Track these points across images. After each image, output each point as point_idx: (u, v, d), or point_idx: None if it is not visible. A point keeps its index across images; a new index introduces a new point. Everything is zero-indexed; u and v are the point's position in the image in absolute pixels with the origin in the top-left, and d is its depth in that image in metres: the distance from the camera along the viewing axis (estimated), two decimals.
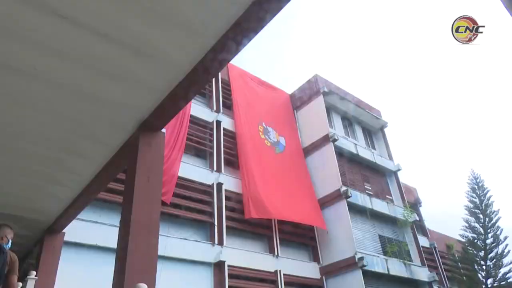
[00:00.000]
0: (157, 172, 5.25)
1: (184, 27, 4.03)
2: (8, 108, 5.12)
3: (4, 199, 7.57)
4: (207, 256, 12.65)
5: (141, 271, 4.36)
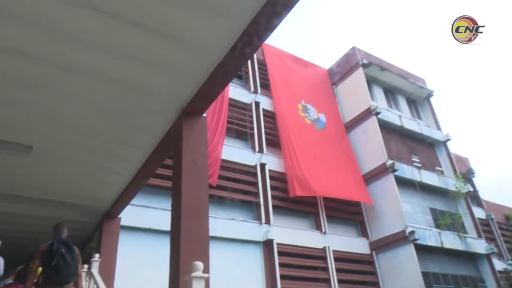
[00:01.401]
0: (202, 156, 5.41)
1: (218, 11, 4.06)
2: (62, 104, 5.44)
3: (66, 189, 8.15)
4: (255, 235, 12.94)
5: (194, 250, 4.57)
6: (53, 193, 8.28)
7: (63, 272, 3.91)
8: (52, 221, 9.44)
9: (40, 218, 9.29)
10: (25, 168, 7.16)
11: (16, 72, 4.78)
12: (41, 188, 8.02)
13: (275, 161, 15.15)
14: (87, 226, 10.16)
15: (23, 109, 5.51)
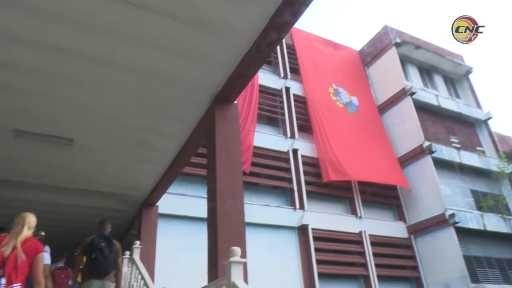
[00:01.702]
0: (235, 143, 5.44)
1: None
2: (99, 97, 5.62)
3: (106, 179, 8.47)
4: (290, 220, 12.98)
5: (231, 236, 4.64)
6: (94, 184, 8.63)
7: (102, 264, 4.20)
8: (93, 210, 9.94)
9: (82, 208, 9.73)
10: (67, 160, 7.48)
11: (54, 68, 4.96)
12: (83, 179, 8.38)
13: (308, 146, 15.04)
14: (127, 215, 10.54)
15: (63, 104, 5.73)
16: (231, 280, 3.48)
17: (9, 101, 5.56)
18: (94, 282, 4.21)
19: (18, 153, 7.10)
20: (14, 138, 6.55)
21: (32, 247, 3.02)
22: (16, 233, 3.02)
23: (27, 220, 3.17)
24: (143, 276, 7.29)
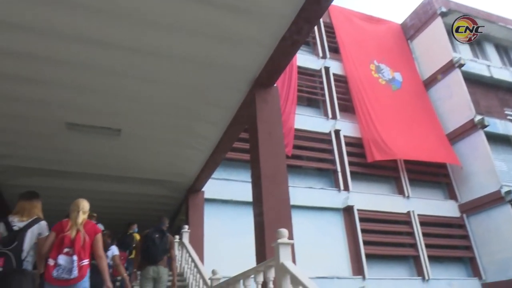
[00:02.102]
0: (276, 126, 5.43)
1: None
2: (144, 87, 5.78)
3: (153, 167, 8.79)
4: (334, 202, 12.84)
5: (277, 218, 4.67)
6: (142, 172, 8.98)
7: (153, 253, 4.75)
8: (142, 197, 10.37)
9: (132, 195, 10.19)
10: (115, 150, 7.82)
11: (101, 62, 5.15)
12: (131, 167, 8.74)
13: (350, 127, 14.69)
14: (174, 200, 10.91)
15: (110, 96, 5.95)
16: (279, 261, 3.51)
17: (61, 96, 5.86)
18: (150, 268, 4.76)
19: (71, 145, 7.51)
20: (67, 131, 6.93)
21: (92, 229, 3.48)
22: (75, 218, 3.42)
23: (80, 206, 3.53)
24: (193, 259, 7.56)
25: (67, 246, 3.23)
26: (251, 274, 4.18)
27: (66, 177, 8.82)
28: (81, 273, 3.17)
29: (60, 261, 3.14)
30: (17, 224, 3.32)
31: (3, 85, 5.46)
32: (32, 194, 3.58)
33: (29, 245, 3.29)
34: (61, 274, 3.10)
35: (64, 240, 3.25)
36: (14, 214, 3.46)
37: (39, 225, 3.41)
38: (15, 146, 7.51)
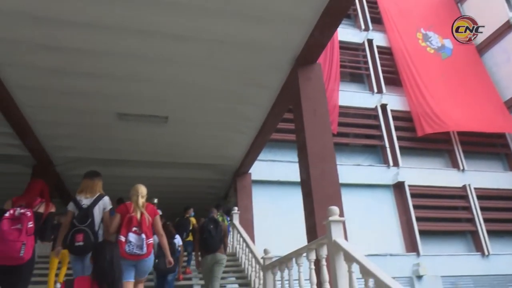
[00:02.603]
0: (321, 103, 5.34)
1: None
2: (188, 74, 5.88)
3: (201, 152, 9.01)
4: (384, 178, 12.51)
5: (327, 196, 4.64)
6: (190, 157, 9.24)
7: (210, 242, 5.04)
8: (192, 181, 10.69)
9: (182, 180, 10.53)
10: (164, 137, 8.09)
11: (148, 51, 5.29)
12: (179, 153, 9.01)
13: (397, 100, 14.12)
14: (223, 183, 11.16)
15: (157, 84, 6.13)
16: (332, 238, 3.50)
17: (112, 88, 6.13)
18: (208, 256, 5.06)
19: (122, 134, 7.86)
20: (118, 121, 7.25)
21: (152, 211, 3.82)
22: (136, 202, 3.74)
23: (139, 190, 3.84)
24: (244, 239, 7.74)
25: (135, 225, 3.57)
26: (303, 252, 4.21)
27: (120, 165, 9.27)
28: (149, 250, 3.56)
29: (130, 239, 3.48)
30: (84, 202, 3.64)
31: (61, 81, 5.81)
32: (94, 173, 3.92)
33: (99, 219, 3.62)
34: (133, 250, 3.44)
35: (132, 220, 3.60)
36: (79, 192, 3.76)
37: (103, 201, 3.73)
38: (73, 138, 7.99)
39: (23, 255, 3.06)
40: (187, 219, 7.55)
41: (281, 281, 4.86)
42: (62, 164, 8.86)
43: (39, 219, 3.48)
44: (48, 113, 6.79)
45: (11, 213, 3.19)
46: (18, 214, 3.18)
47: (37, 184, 3.79)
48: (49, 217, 3.65)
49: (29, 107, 6.47)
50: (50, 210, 3.69)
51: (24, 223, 3.14)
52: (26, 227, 3.14)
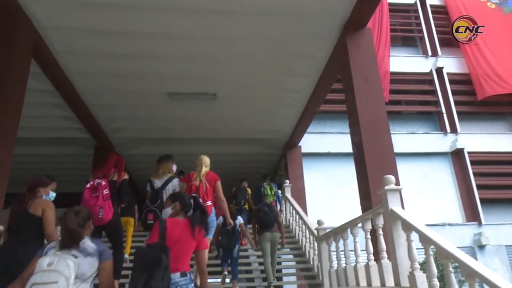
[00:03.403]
0: (372, 70, 5.14)
1: None
2: (234, 50, 5.88)
3: (250, 127, 9.09)
4: (441, 146, 11.92)
5: (381, 165, 4.53)
6: (239, 132, 9.36)
7: (267, 220, 5.73)
8: (244, 156, 10.87)
9: (234, 155, 10.73)
10: (213, 113, 8.23)
11: (194, 30, 5.35)
12: (229, 129, 9.15)
13: (454, 62, 13.21)
14: (273, 158, 11.24)
15: (204, 61, 6.20)
16: (389, 207, 3.43)
17: (162, 67, 6.29)
18: (266, 233, 5.69)
19: (173, 113, 8.11)
20: (168, 100, 7.47)
21: (212, 178, 4.26)
22: (199, 171, 4.27)
23: (203, 161, 4.36)
24: (297, 211, 7.82)
25: (194, 192, 4.07)
26: (358, 222, 4.17)
27: (172, 144, 9.60)
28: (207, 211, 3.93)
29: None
30: (157, 183, 4.16)
31: (115, 64, 6.08)
32: (164, 157, 4.42)
33: None
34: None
35: (192, 188, 4.15)
36: (153, 175, 4.28)
37: (172, 183, 4.20)
38: (128, 119, 8.38)
39: (102, 216, 3.54)
40: (244, 188, 7.98)
41: (336, 252, 4.86)
42: (120, 144, 9.35)
43: (114, 186, 3.95)
44: (104, 97, 7.15)
45: (91, 184, 3.73)
46: (96, 184, 3.71)
47: (111, 157, 4.20)
48: (122, 184, 4.09)
49: (87, 92, 6.85)
50: (123, 178, 4.12)
51: (100, 191, 3.66)
52: (102, 193, 3.65)
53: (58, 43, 5.41)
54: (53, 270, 1.95)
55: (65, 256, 2.02)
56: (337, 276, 4.64)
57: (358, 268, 4.05)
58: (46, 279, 1.92)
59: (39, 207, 2.82)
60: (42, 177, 3.17)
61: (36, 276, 1.94)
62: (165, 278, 2.15)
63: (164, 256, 2.19)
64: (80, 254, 2.08)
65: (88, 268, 2.08)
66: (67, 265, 1.98)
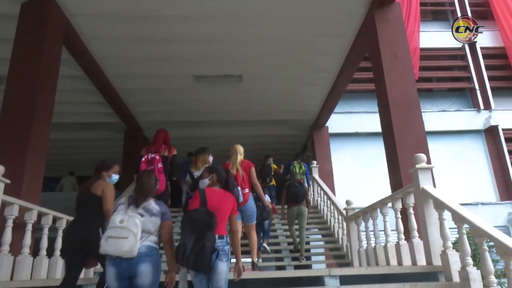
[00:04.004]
0: (402, 47, 4.98)
1: None
2: (260, 29, 5.82)
3: (275, 108, 9.05)
4: (473, 123, 11.50)
5: (411, 145, 4.44)
6: (266, 114, 9.34)
7: (297, 195, 6.06)
8: (271, 138, 10.88)
9: (260, 137, 10.76)
10: (239, 95, 8.24)
11: (218, 11, 5.32)
12: (255, 110, 9.15)
13: (489, 36, 12.57)
14: (299, 138, 11.20)
15: (230, 43, 6.18)
16: (420, 186, 3.38)
17: (188, 51, 6.33)
18: (294, 207, 6.05)
19: (199, 96, 8.17)
20: (195, 83, 7.53)
21: (247, 166, 4.35)
22: (234, 160, 4.36)
23: (237, 149, 4.42)
24: (325, 192, 7.81)
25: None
26: (388, 201, 4.14)
27: (199, 127, 9.73)
28: (245, 198, 4.15)
29: None
30: (195, 173, 4.47)
31: (142, 48, 6.17)
32: (201, 150, 4.67)
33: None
34: None
35: None
36: (192, 167, 4.62)
37: None
38: (156, 103, 8.52)
39: (158, 187, 3.70)
40: (269, 165, 8.08)
41: (365, 231, 4.85)
42: (149, 128, 9.54)
43: (166, 161, 4.37)
44: (132, 81, 7.29)
45: (146, 158, 4.18)
46: (150, 158, 4.14)
47: (160, 134, 4.60)
48: (173, 159, 4.54)
49: (115, 76, 6.99)
50: (173, 153, 4.57)
51: (155, 164, 4.08)
52: (156, 167, 4.07)
53: (86, 29, 5.53)
54: (124, 227, 2.38)
55: (133, 215, 2.45)
56: (367, 256, 4.65)
57: (389, 248, 4.04)
58: (119, 234, 2.37)
59: (100, 188, 3.12)
60: (105, 161, 3.40)
61: (110, 231, 2.40)
62: (213, 239, 2.53)
63: (214, 219, 2.54)
64: (145, 213, 2.51)
65: (152, 226, 2.52)
66: (135, 223, 2.40)
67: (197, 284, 2.60)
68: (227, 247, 2.64)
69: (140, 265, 2.38)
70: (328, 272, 3.30)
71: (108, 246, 2.37)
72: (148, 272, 2.41)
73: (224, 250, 2.59)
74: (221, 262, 2.55)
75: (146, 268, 2.40)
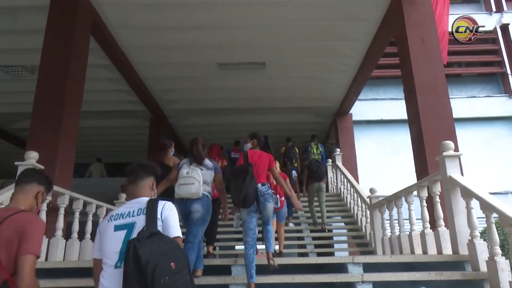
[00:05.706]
0: (430, 31, 4.84)
1: None
2: (284, 14, 5.72)
3: (300, 95, 9.00)
4: (504, 110, 11.08)
5: (438, 133, 4.34)
6: (289, 101, 9.29)
7: (319, 172, 6.66)
8: (294, 125, 10.83)
9: (284, 124, 10.73)
10: (262, 83, 8.21)
11: None
12: (278, 98, 9.11)
13: None
14: (323, 126, 11.10)
15: (253, 29, 6.15)
16: (447, 174, 3.32)
17: (211, 38, 6.34)
18: (315, 183, 6.66)
19: (223, 83, 8.19)
20: (219, 71, 7.55)
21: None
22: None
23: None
24: (349, 179, 7.75)
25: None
26: (413, 189, 4.08)
27: (223, 114, 9.77)
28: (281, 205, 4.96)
29: None
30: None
31: (166, 37, 6.23)
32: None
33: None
34: None
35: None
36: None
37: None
38: (180, 91, 8.61)
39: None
40: (293, 147, 8.53)
41: (389, 220, 4.81)
42: (173, 116, 9.68)
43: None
44: (157, 69, 7.38)
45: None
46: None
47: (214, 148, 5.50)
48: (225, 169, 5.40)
49: (141, 65, 7.10)
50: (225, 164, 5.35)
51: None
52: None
53: (113, 18, 5.63)
54: (190, 176, 3.30)
55: (196, 168, 3.35)
56: (391, 244, 4.61)
57: (413, 236, 4.00)
58: (187, 181, 3.28)
59: (171, 160, 4.07)
60: (166, 141, 4.24)
61: (181, 180, 3.30)
62: (253, 182, 3.27)
63: (250, 167, 3.32)
64: (204, 168, 3.41)
65: (209, 177, 3.43)
66: (198, 174, 3.31)
67: (247, 220, 3.30)
68: (270, 190, 3.41)
69: (194, 205, 3.24)
70: (352, 260, 3.30)
71: (181, 190, 3.24)
72: (200, 211, 3.26)
73: (268, 193, 3.37)
74: (268, 203, 3.34)
75: (198, 208, 3.25)
